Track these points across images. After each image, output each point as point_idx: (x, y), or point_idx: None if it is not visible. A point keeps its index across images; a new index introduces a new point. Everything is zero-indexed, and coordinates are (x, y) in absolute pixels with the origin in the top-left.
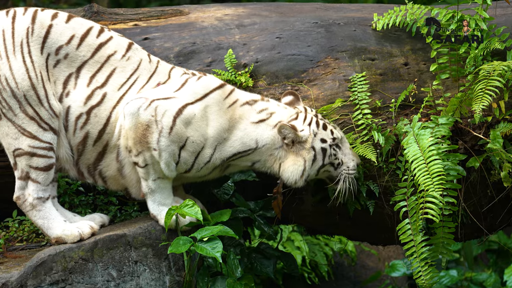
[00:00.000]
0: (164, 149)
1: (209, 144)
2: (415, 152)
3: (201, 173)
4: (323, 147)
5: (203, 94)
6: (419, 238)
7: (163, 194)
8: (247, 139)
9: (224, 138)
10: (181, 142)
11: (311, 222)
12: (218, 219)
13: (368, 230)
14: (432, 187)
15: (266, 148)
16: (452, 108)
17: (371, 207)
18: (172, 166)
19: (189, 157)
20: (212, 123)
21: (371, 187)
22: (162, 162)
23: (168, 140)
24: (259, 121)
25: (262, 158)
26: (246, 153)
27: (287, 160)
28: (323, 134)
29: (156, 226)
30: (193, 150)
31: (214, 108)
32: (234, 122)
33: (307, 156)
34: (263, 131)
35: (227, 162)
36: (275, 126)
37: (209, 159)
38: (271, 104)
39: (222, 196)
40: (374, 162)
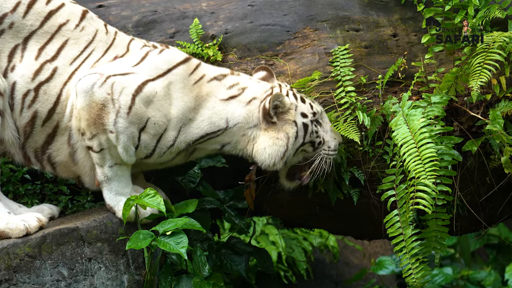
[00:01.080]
0: (122, 132)
1: (172, 125)
2: (404, 135)
3: (163, 158)
4: (304, 122)
5: (165, 69)
6: (409, 231)
7: (121, 183)
8: (216, 119)
9: (190, 119)
10: (141, 123)
11: (288, 214)
12: (183, 210)
13: (352, 223)
14: (423, 174)
15: (238, 127)
16: (447, 85)
17: (355, 197)
18: (131, 151)
19: (150, 141)
20: (176, 102)
21: (355, 174)
22: (119, 146)
23: (126, 121)
24: (229, 97)
25: (233, 140)
26: (215, 134)
27: (263, 140)
28: (302, 107)
29: (113, 219)
30: (155, 132)
31: (178, 85)
32: (201, 100)
33: (290, 132)
34: (235, 108)
35: (193, 145)
36: (248, 102)
37: (173, 143)
38: (243, 78)
39: (188, 184)
40: (358, 146)
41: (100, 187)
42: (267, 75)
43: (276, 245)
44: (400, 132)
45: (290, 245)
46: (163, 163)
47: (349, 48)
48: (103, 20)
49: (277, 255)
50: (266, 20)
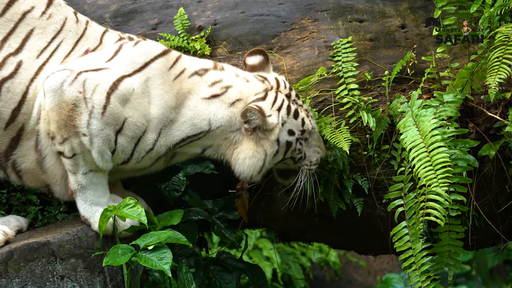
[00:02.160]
0: (96, 134)
1: (152, 126)
2: (414, 138)
3: (142, 164)
4: (288, 140)
5: (142, 63)
6: (419, 245)
7: (97, 191)
8: (198, 120)
9: (171, 119)
10: (118, 124)
11: (284, 226)
12: (166, 222)
13: (355, 236)
14: (435, 181)
15: (221, 130)
16: (461, 82)
17: (359, 207)
18: (107, 156)
19: (127, 144)
20: (155, 100)
21: (359, 182)
22: (94, 150)
23: (101, 123)
24: (211, 96)
25: (215, 143)
26: (196, 137)
27: (244, 147)
28: (292, 124)
29: (88, 232)
30: (133, 134)
31: (158, 81)
32: (182, 98)
33: (269, 150)
34: (217, 109)
35: (174, 149)
36: (232, 104)
37: (152, 147)
38: (227, 74)
39: (172, 193)
40: (362, 150)
41: (74, 196)
42: (262, 62)
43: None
44: (409, 135)
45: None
46: (141, 170)
47: (352, 41)
48: (77, 10)
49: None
50: (259, 10)
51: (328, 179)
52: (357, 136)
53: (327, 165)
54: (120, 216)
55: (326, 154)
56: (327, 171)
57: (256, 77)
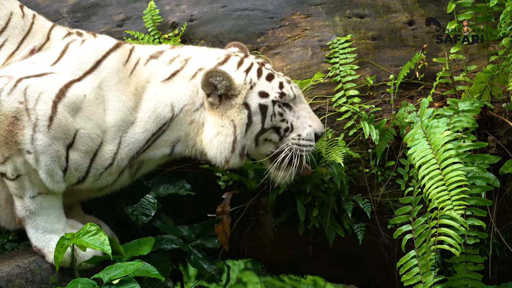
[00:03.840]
0: (42, 151)
1: (110, 137)
2: (424, 153)
3: (101, 182)
4: (261, 103)
5: (93, 62)
6: (431, 279)
7: (50, 217)
8: (160, 109)
9: (132, 122)
10: (68, 138)
11: (273, 256)
12: (135, 252)
13: (356, 268)
14: (449, 204)
15: (185, 112)
16: (479, 87)
17: (360, 234)
18: (57, 176)
19: (81, 160)
20: (111, 104)
21: (359, 204)
22: (41, 170)
23: (47, 137)
24: (171, 75)
25: (182, 133)
26: (161, 130)
27: (209, 126)
28: (264, 85)
29: (42, 264)
30: (87, 148)
31: (112, 81)
32: (141, 92)
33: (237, 118)
34: (178, 87)
35: (138, 157)
36: (193, 76)
37: (112, 161)
38: (186, 48)
39: (140, 218)
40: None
41: (23, 224)
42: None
43: None
44: (418, 149)
45: None
46: (102, 189)
47: (352, 40)
48: (29, 4)
49: None
50: (243, 4)
51: (324, 201)
52: (358, 151)
53: (323, 184)
54: (80, 245)
55: (322, 172)
56: (322, 192)
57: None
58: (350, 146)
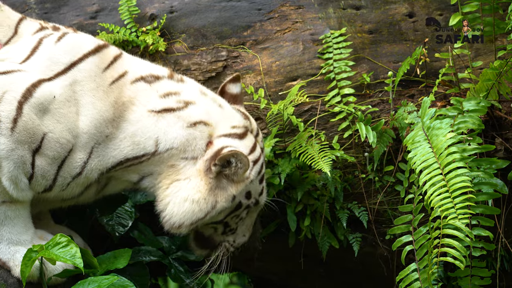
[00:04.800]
0: (5, 156)
1: (81, 144)
2: (425, 157)
3: (67, 192)
4: (242, 202)
5: (68, 63)
6: None
7: (15, 227)
8: (141, 138)
9: (107, 135)
10: (34, 142)
11: (261, 269)
12: (110, 265)
13: (352, 282)
14: (453, 212)
15: (170, 154)
16: (486, 85)
17: (356, 245)
18: (22, 183)
19: (48, 167)
20: (85, 110)
21: (355, 213)
22: (4, 177)
23: (10, 141)
24: (162, 110)
25: (157, 170)
26: (138, 160)
27: (191, 185)
28: (254, 187)
29: (8, 278)
30: (55, 154)
31: (88, 85)
32: (122, 109)
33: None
34: (169, 126)
35: (108, 174)
36: (192, 124)
37: (81, 170)
38: (188, 87)
39: (116, 228)
40: (359, 172)
41: None
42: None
43: None
44: (419, 153)
45: None
46: (67, 200)
47: (347, 34)
48: None
49: None
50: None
51: (317, 209)
52: (353, 155)
53: (315, 191)
54: (49, 258)
55: (314, 178)
56: (314, 199)
57: (235, 109)
58: (344, 150)
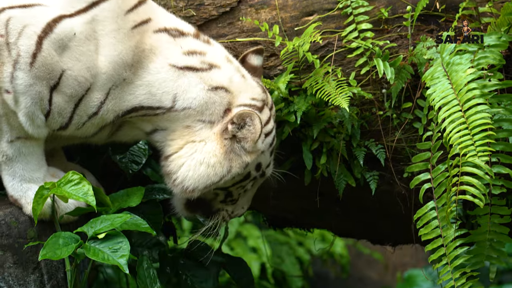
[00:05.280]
0: (23, 91)
1: (99, 84)
2: (445, 93)
3: (82, 131)
4: (250, 173)
5: (90, 1)
6: (452, 233)
7: (28, 164)
8: (158, 90)
9: (124, 79)
10: (53, 78)
11: (276, 208)
12: (123, 203)
13: (368, 221)
14: (472, 149)
15: (187, 114)
16: (507, 19)
17: (373, 183)
18: (38, 119)
19: (65, 104)
20: (105, 50)
21: (372, 151)
22: (21, 112)
23: (29, 76)
24: (185, 67)
25: (171, 127)
26: (153, 111)
27: (207, 148)
28: (264, 159)
29: (20, 216)
30: (73, 92)
31: (109, 27)
32: (142, 56)
33: (233, 170)
34: (190, 86)
35: (123, 118)
36: (214, 88)
37: (97, 110)
38: (214, 51)
39: (130, 166)
40: (376, 109)
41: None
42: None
43: (259, 253)
44: (438, 89)
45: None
46: (81, 138)
47: None
48: None
49: (259, 267)
50: None
51: (333, 147)
52: (371, 91)
53: (331, 129)
54: (61, 195)
55: (331, 115)
56: (331, 137)
57: (256, 81)
58: (362, 86)
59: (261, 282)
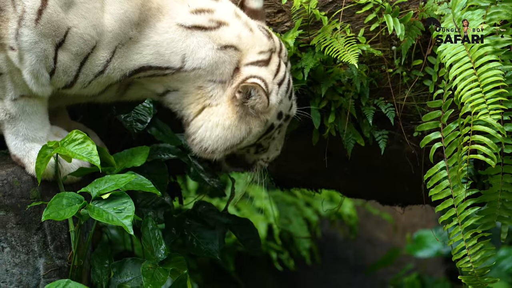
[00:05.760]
0: (28, 49)
1: (105, 42)
2: (456, 50)
3: (88, 90)
4: (273, 124)
5: None
6: (463, 193)
7: (32, 123)
8: (166, 51)
9: (130, 37)
10: (58, 36)
11: (284, 168)
12: (127, 163)
13: (377, 181)
14: (484, 107)
15: (197, 75)
16: None
17: (383, 142)
18: (43, 78)
19: (71, 62)
20: (111, 8)
21: (382, 109)
22: (25, 70)
23: (34, 33)
24: (193, 26)
25: (182, 88)
26: (161, 71)
27: (221, 111)
28: (285, 105)
29: (22, 176)
30: (78, 50)
31: None
32: (148, 15)
33: (255, 130)
34: (199, 46)
35: (130, 78)
36: (223, 47)
37: (103, 68)
38: (222, 7)
39: (134, 125)
40: (385, 66)
41: (1, 129)
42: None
43: (266, 214)
44: (449, 46)
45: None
46: (87, 97)
47: None
48: None
49: (266, 228)
50: None
51: (341, 105)
52: (380, 48)
53: (340, 87)
54: (65, 155)
55: (339, 73)
56: (339, 95)
57: (260, 29)
58: (371, 43)
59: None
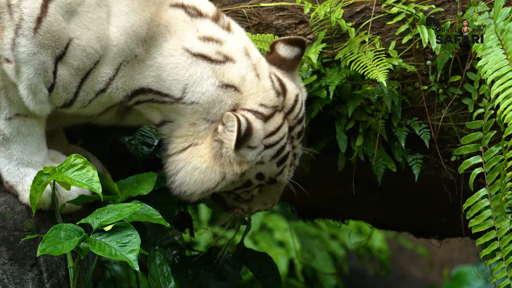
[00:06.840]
0: (25, 60)
1: (109, 57)
2: (498, 64)
3: (88, 110)
4: (251, 181)
5: None
6: (507, 224)
7: (27, 146)
8: (168, 76)
9: (136, 55)
10: (59, 47)
11: (306, 197)
12: (132, 191)
13: (411, 211)
14: None
15: (194, 110)
16: None
17: (417, 168)
18: (41, 94)
19: (71, 78)
20: (117, 20)
21: (415, 131)
22: (22, 84)
23: (33, 44)
24: (199, 54)
25: (177, 121)
26: (160, 97)
27: (200, 152)
28: (268, 169)
29: (16, 206)
30: (80, 65)
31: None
32: (156, 32)
33: (228, 176)
34: (202, 79)
35: (132, 100)
36: (225, 86)
37: (105, 87)
38: (233, 41)
39: (140, 148)
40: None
41: None
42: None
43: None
44: (491, 60)
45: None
46: (87, 117)
47: None
48: None
49: (287, 263)
50: None
51: (370, 126)
52: (413, 63)
53: (369, 106)
54: (63, 182)
55: (368, 91)
56: (368, 115)
57: (273, 80)
58: (403, 57)
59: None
